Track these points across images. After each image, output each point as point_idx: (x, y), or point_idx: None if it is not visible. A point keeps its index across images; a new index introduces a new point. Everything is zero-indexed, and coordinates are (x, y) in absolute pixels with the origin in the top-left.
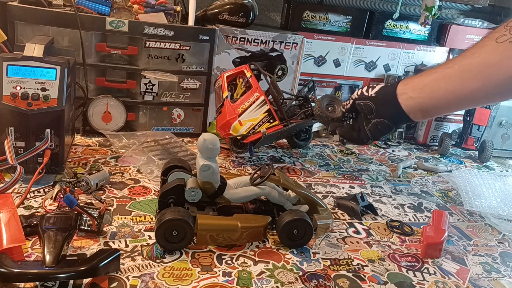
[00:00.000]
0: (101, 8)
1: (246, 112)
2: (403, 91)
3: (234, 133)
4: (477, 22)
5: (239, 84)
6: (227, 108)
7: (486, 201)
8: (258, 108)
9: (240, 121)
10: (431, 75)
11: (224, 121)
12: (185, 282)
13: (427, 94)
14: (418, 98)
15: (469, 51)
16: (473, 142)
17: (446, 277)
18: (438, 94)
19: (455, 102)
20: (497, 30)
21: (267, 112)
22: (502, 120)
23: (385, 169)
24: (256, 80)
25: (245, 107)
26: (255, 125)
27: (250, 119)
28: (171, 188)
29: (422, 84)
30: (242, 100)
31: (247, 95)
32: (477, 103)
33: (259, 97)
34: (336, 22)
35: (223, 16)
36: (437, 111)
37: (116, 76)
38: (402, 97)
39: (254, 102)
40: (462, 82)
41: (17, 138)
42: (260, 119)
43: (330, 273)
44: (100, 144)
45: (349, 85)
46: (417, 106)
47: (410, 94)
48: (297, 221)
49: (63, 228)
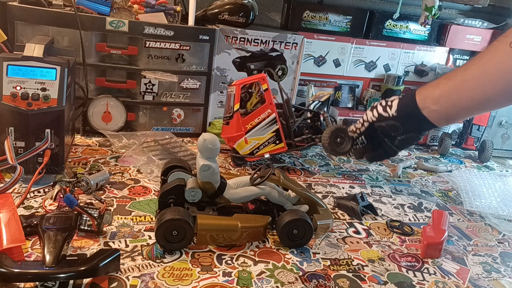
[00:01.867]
0: (101, 8)
1: (254, 129)
2: (424, 104)
3: (238, 149)
4: (477, 22)
5: (255, 93)
6: (236, 122)
7: (486, 201)
8: (268, 127)
9: (246, 139)
10: (449, 85)
11: (230, 135)
12: (185, 282)
13: (450, 105)
14: (442, 110)
15: (482, 59)
16: (473, 142)
17: (446, 277)
18: (461, 103)
19: (478, 108)
20: (509, 34)
21: (275, 132)
22: (502, 120)
23: (385, 169)
24: (271, 94)
25: (254, 124)
26: (260, 144)
27: (256, 137)
28: (171, 188)
29: (442, 96)
30: (253, 116)
31: (259, 111)
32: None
33: (271, 115)
34: (336, 22)
35: (223, 16)
36: (462, 117)
37: (116, 76)
38: (426, 111)
39: (265, 120)
40: (482, 90)
41: (17, 138)
42: (266, 139)
43: (330, 273)
44: (100, 144)
45: (349, 85)
46: (442, 117)
47: (433, 107)
48: (297, 221)
49: (63, 228)
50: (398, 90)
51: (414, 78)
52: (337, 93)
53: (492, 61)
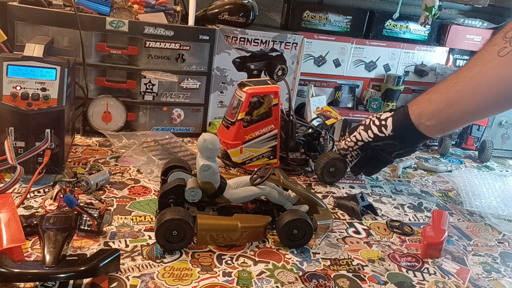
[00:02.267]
0: (101, 8)
1: (253, 141)
2: (419, 121)
3: (232, 156)
4: (477, 22)
5: (265, 104)
6: (236, 130)
7: (486, 201)
8: (266, 142)
9: (242, 149)
10: (442, 100)
11: (228, 141)
12: (185, 282)
13: (445, 120)
14: (437, 124)
15: (472, 70)
16: (473, 142)
17: (446, 277)
18: (456, 117)
19: (473, 118)
20: (496, 42)
21: (272, 148)
22: (502, 120)
23: (385, 169)
24: (279, 111)
25: (254, 136)
26: (254, 156)
27: (252, 149)
28: (171, 188)
29: (436, 111)
30: (255, 128)
31: (263, 124)
32: (494, 114)
33: (273, 130)
34: (336, 22)
35: (223, 16)
36: (457, 128)
37: (116, 76)
38: (421, 127)
39: (265, 134)
40: (476, 102)
41: (17, 138)
42: (262, 152)
43: (330, 273)
44: (100, 144)
45: (349, 85)
46: (438, 130)
47: (427, 123)
48: (297, 221)
49: (63, 228)
50: (398, 90)
51: (414, 78)
52: (337, 93)
53: (483, 72)
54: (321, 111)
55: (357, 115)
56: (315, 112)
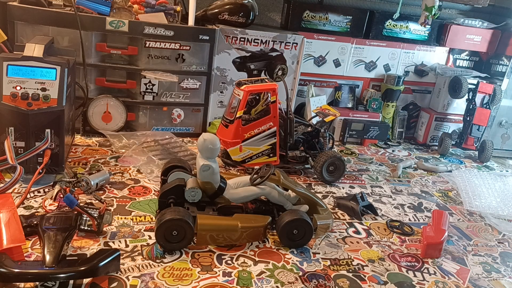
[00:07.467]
0: (101, 8)
1: (252, 139)
2: None
3: (231, 155)
4: (477, 22)
5: (262, 101)
6: (235, 129)
7: (486, 201)
8: (265, 139)
9: (241, 147)
10: None
11: (227, 140)
12: (185, 282)
13: None
14: None
15: None
16: (473, 142)
17: (446, 277)
18: None
19: None
20: None
21: (271, 146)
22: (502, 120)
23: (385, 169)
24: (277, 108)
25: (254, 134)
26: (254, 154)
27: (251, 147)
28: (171, 188)
29: None
30: (254, 126)
31: (261, 122)
32: None
33: (272, 128)
34: (336, 22)
35: (223, 16)
36: None
37: (116, 76)
38: None
39: (264, 132)
40: None
41: (17, 138)
42: (261, 150)
43: (330, 273)
44: (100, 144)
45: (349, 85)
46: None
47: None
48: (297, 221)
49: (63, 228)
50: (398, 90)
51: (414, 78)
52: (337, 93)
53: None
54: (319, 109)
55: (357, 115)
56: (314, 111)
